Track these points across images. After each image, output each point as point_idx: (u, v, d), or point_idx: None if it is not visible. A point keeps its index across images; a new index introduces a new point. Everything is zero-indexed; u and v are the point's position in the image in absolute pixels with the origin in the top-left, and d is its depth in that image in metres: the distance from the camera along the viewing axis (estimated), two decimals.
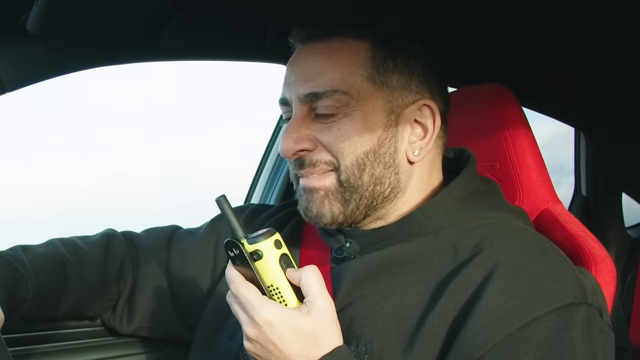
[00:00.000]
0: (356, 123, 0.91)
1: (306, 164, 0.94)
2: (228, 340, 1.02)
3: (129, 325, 1.20)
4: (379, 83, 0.92)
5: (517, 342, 0.78)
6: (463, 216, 0.93)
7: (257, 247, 0.81)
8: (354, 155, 0.91)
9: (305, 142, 0.93)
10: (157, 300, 1.19)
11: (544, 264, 0.84)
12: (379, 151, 0.92)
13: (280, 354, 0.80)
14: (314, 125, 0.93)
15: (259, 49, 1.30)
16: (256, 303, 0.80)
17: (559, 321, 0.79)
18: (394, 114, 0.93)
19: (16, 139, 2.32)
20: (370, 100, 0.92)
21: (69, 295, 1.10)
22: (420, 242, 0.91)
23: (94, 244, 1.16)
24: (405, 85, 0.94)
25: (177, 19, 1.15)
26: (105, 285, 1.15)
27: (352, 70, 0.92)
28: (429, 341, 0.82)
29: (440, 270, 0.87)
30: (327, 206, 0.93)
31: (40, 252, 1.08)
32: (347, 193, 0.92)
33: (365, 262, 0.92)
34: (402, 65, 0.94)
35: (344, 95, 0.91)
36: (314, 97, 0.92)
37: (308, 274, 0.81)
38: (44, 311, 1.08)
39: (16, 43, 1.06)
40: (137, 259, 1.19)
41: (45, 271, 1.05)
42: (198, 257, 1.17)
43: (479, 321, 0.79)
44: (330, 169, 0.93)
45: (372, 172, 0.92)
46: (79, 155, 2.60)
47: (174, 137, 2.84)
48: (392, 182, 0.94)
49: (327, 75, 0.92)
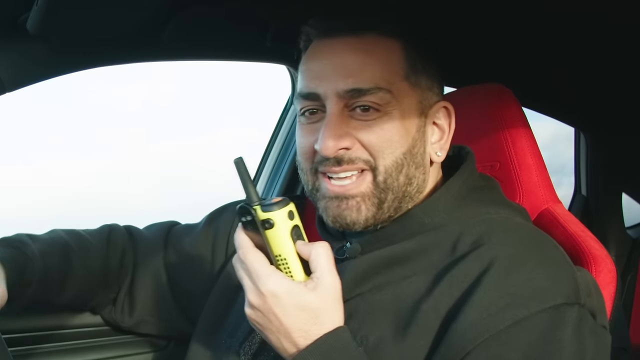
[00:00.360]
0: (396, 123, 0.90)
1: (344, 161, 0.90)
2: (229, 337, 1.02)
3: (130, 317, 1.21)
4: (413, 82, 0.93)
5: (507, 339, 0.78)
6: (463, 212, 0.93)
7: (269, 216, 0.80)
8: (394, 156, 0.90)
9: (346, 139, 0.90)
10: (157, 293, 1.20)
11: (541, 261, 0.84)
12: (412, 151, 0.92)
13: (280, 325, 0.80)
14: (352, 122, 0.90)
15: (259, 49, 1.30)
16: (263, 272, 0.80)
17: (550, 321, 0.79)
18: (423, 115, 0.94)
19: (16, 139, 2.32)
20: (407, 99, 0.92)
21: (73, 281, 1.11)
22: (421, 239, 0.91)
23: (96, 234, 1.18)
24: (430, 87, 0.95)
25: (177, 19, 1.15)
26: (107, 275, 1.17)
27: (391, 69, 0.91)
28: (423, 333, 0.82)
29: (439, 264, 0.87)
30: (364, 212, 0.92)
31: (45, 238, 1.10)
32: (382, 194, 0.91)
33: (366, 261, 0.92)
34: (427, 67, 0.95)
35: (388, 94, 0.90)
36: (356, 93, 0.89)
37: (319, 249, 0.81)
38: (48, 296, 1.09)
39: (16, 43, 1.06)
40: (137, 251, 1.20)
41: (51, 256, 1.07)
42: (196, 252, 1.18)
43: (471, 316, 0.79)
44: (366, 168, 0.91)
45: (407, 173, 0.92)
46: (79, 155, 2.60)
47: (174, 137, 2.84)
48: (419, 182, 0.94)
49: (369, 71, 0.90)
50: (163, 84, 2.49)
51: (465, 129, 1.17)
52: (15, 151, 2.31)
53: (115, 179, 2.69)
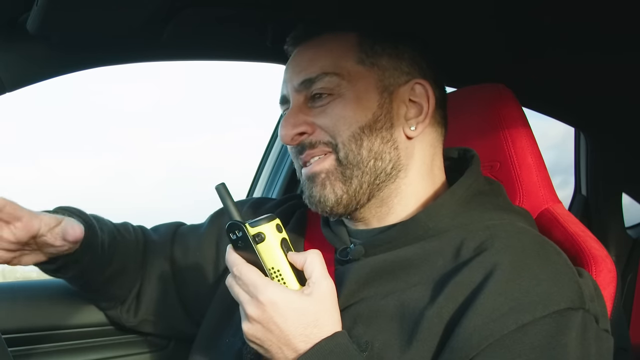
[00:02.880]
0: (349, 102, 0.95)
1: (306, 146, 0.96)
2: (232, 336, 1.02)
3: (135, 316, 1.22)
4: (369, 64, 0.96)
5: (511, 344, 0.78)
6: (467, 218, 0.93)
7: (259, 230, 0.82)
8: (349, 131, 0.94)
9: (302, 126, 0.96)
10: (162, 294, 1.21)
11: (544, 267, 0.84)
12: (374, 126, 0.94)
13: (281, 333, 0.80)
14: (310, 111, 0.96)
15: (259, 49, 1.30)
16: (259, 283, 0.81)
17: (554, 326, 0.79)
18: (386, 92, 0.96)
19: (23, 138, 2.32)
20: (361, 80, 0.95)
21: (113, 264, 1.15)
22: (424, 244, 0.91)
23: (123, 227, 1.21)
24: (395, 66, 0.97)
25: (177, 19, 1.15)
26: (135, 266, 1.20)
27: (342, 55, 0.96)
28: (427, 339, 0.82)
29: (442, 271, 0.87)
30: (329, 187, 0.95)
31: (97, 216, 1.15)
32: (347, 170, 0.94)
33: (370, 264, 0.92)
34: (390, 49, 0.98)
35: (336, 77, 0.95)
36: (307, 83, 0.96)
37: (313, 256, 0.83)
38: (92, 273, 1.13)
39: (16, 43, 1.06)
40: (147, 252, 1.22)
41: (108, 234, 1.13)
42: (201, 252, 1.19)
43: (475, 321, 0.79)
44: (328, 150, 0.95)
45: (370, 147, 0.94)
46: (87, 155, 2.60)
47: (182, 136, 2.84)
48: (392, 157, 0.95)
49: (318, 62, 0.96)
50: (171, 84, 2.49)
51: (466, 129, 1.18)
52: (23, 150, 2.32)
53: (123, 177, 2.69)
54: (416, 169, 0.98)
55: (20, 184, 2.33)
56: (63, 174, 2.52)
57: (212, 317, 1.11)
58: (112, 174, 2.65)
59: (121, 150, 2.69)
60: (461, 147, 1.05)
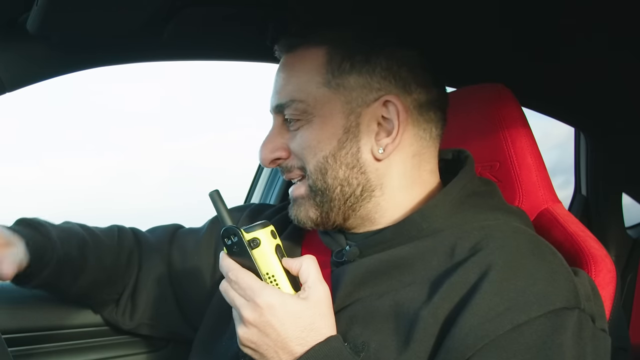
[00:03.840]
0: (315, 129, 0.94)
1: (284, 170, 0.99)
2: (229, 339, 1.02)
3: (131, 319, 1.22)
4: (334, 86, 0.94)
5: (506, 344, 0.78)
6: (461, 218, 0.93)
7: (254, 235, 0.83)
8: (315, 160, 0.95)
9: (279, 150, 0.98)
10: (159, 297, 1.20)
11: (539, 266, 0.84)
12: (339, 153, 0.94)
13: (278, 337, 0.80)
14: (287, 134, 0.98)
15: (259, 49, 1.30)
16: (256, 286, 0.82)
17: (550, 325, 0.79)
18: (353, 115, 0.94)
19: (27, 138, 2.33)
20: (327, 105, 0.94)
21: (86, 273, 1.13)
22: (418, 244, 0.91)
23: (107, 232, 1.20)
24: (364, 84, 0.94)
25: (177, 18, 1.15)
26: (116, 273, 1.18)
27: (309, 79, 0.95)
28: (423, 340, 0.82)
29: (437, 271, 0.87)
30: (304, 212, 0.98)
31: (63, 227, 1.13)
32: (317, 197, 0.96)
33: (365, 265, 0.92)
34: (360, 64, 0.94)
35: (301, 104, 0.95)
36: (280, 108, 0.97)
37: (308, 261, 0.84)
38: (60, 283, 1.11)
39: (16, 43, 1.06)
40: (142, 254, 1.21)
41: (69, 245, 1.10)
42: (199, 256, 1.19)
43: (470, 321, 0.79)
44: (303, 175, 0.97)
45: (334, 175, 0.94)
46: (90, 155, 2.60)
47: (185, 136, 2.84)
48: (360, 181, 0.95)
49: (288, 86, 0.97)
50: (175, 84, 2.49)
51: (465, 129, 1.18)
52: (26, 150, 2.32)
53: (126, 177, 2.69)
54: (395, 184, 0.96)
55: (23, 184, 2.33)
56: (66, 173, 2.52)
57: (209, 321, 1.11)
58: (115, 174, 2.65)
59: (124, 150, 2.69)
60: (455, 149, 1.05)
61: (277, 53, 1.02)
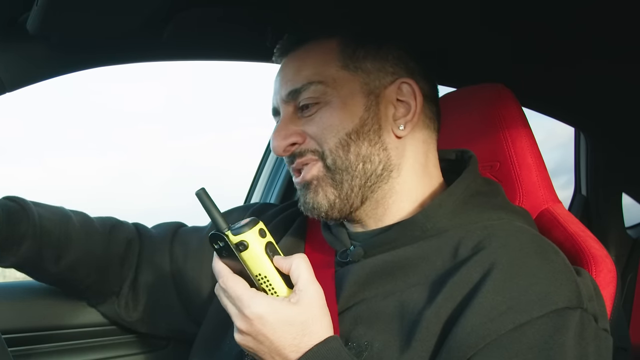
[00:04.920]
0: (336, 108, 0.95)
1: (296, 156, 0.98)
2: (232, 339, 1.02)
3: (134, 311, 1.21)
4: (353, 69, 0.97)
5: (508, 343, 0.78)
6: (465, 217, 0.93)
7: (241, 238, 0.80)
8: (336, 138, 0.95)
9: (293, 136, 0.97)
10: (161, 292, 1.20)
11: (541, 266, 0.84)
12: (361, 130, 0.95)
13: (271, 345, 0.80)
14: (300, 121, 0.98)
15: (259, 49, 1.30)
16: (244, 296, 0.80)
17: (552, 325, 0.79)
18: (373, 95, 0.97)
19: (29, 137, 2.33)
20: (347, 85, 0.96)
21: (70, 253, 1.11)
22: (423, 244, 0.91)
23: (101, 220, 1.20)
24: (380, 68, 0.98)
25: (177, 18, 1.15)
26: (107, 262, 1.17)
27: (325, 62, 0.97)
28: (426, 339, 0.82)
29: (441, 271, 0.87)
30: (321, 193, 0.96)
31: (48, 205, 1.12)
32: (337, 175, 0.95)
33: (369, 265, 0.92)
34: (373, 51, 0.98)
35: (321, 85, 0.96)
36: (294, 93, 0.97)
37: (298, 261, 0.81)
38: (43, 262, 1.09)
39: (16, 43, 1.06)
40: (143, 247, 1.21)
41: (50, 220, 1.09)
42: (202, 254, 1.18)
43: (472, 321, 0.79)
44: (315, 158, 0.96)
45: (357, 151, 0.95)
46: (92, 154, 2.60)
47: (188, 135, 2.83)
48: (382, 158, 0.96)
49: (303, 72, 0.97)
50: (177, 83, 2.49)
51: (465, 129, 1.18)
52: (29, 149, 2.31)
53: (129, 176, 2.69)
54: (409, 167, 0.98)
55: (25, 184, 2.33)
56: (69, 173, 2.52)
57: (211, 320, 1.10)
58: (117, 174, 2.65)
59: (126, 150, 2.69)
60: (459, 149, 1.05)
61: (278, 52, 1.03)
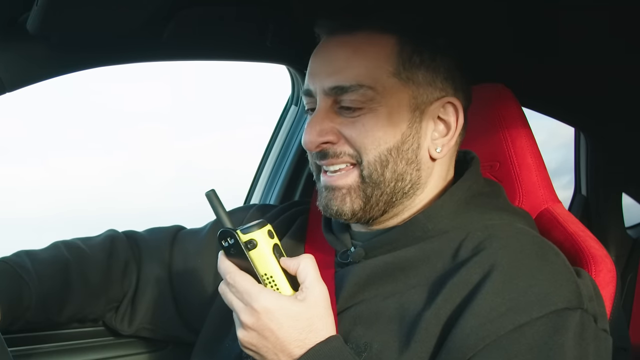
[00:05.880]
0: (381, 119, 0.90)
1: (329, 155, 0.93)
2: (231, 341, 1.02)
3: (129, 326, 1.20)
4: (404, 79, 0.91)
5: (508, 344, 0.78)
6: (466, 218, 0.93)
7: (251, 237, 0.82)
8: (377, 152, 0.91)
9: (329, 134, 0.92)
10: (159, 301, 1.19)
11: (541, 267, 0.84)
12: (402, 147, 0.92)
13: (276, 340, 0.80)
14: (338, 118, 0.92)
15: (259, 49, 1.30)
16: (253, 291, 0.81)
17: (551, 326, 0.79)
18: (418, 110, 0.93)
19: (33, 137, 2.32)
20: (395, 95, 0.91)
21: (73, 300, 1.10)
22: (424, 246, 0.91)
23: (98, 247, 1.16)
24: (430, 82, 0.93)
25: (177, 18, 1.15)
26: (108, 288, 1.15)
27: (379, 65, 0.91)
28: (425, 340, 0.82)
29: (441, 272, 0.87)
30: (349, 203, 0.93)
31: (44, 257, 1.08)
32: (369, 189, 0.92)
33: (369, 266, 0.92)
34: (428, 61, 0.93)
35: (370, 90, 0.90)
36: (339, 90, 0.91)
37: (306, 261, 0.82)
38: (47, 317, 1.09)
39: (16, 43, 1.06)
40: (141, 259, 1.19)
41: (50, 277, 1.06)
42: (201, 258, 1.17)
43: (472, 322, 0.79)
44: (353, 162, 0.93)
45: (394, 169, 0.92)
46: (96, 154, 2.59)
47: (192, 135, 2.82)
48: (413, 178, 0.94)
49: (353, 68, 0.91)
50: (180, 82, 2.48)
51: (466, 129, 1.18)
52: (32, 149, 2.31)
53: (132, 176, 2.68)
54: (434, 184, 0.97)
55: (28, 184, 2.33)
56: (71, 173, 2.52)
57: (211, 322, 1.10)
58: (120, 174, 2.64)
59: (128, 150, 2.68)
60: (461, 150, 1.05)
61: (323, 29, 0.96)
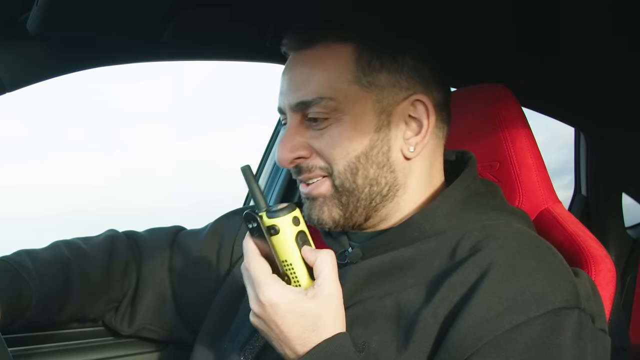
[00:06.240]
0: (346, 128, 0.92)
1: (303, 170, 0.95)
2: (229, 341, 1.02)
3: (129, 326, 1.20)
4: (366, 84, 0.92)
5: (505, 344, 0.78)
6: (463, 218, 0.93)
7: (274, 222, 0.81)
8: (345, 161, 0.92)
9: (300, 150, 0.94)
10: (158, 302, 1.19)
11: (539, 267, 0.84)
12: (370, 153, 0.92)
13: (280, 333, 0.81)
14: (308, 132, 0.94)
15: (259, 49, 1.30)
16: (262, 282, 0.81)
17: (549, 325, 0.79)
18: (384, 113, 0.93)
19: (33, 137, 2.33)
20: (358, 103, 0.92)
21: (73, 300, 1.11)
22: (421, 245, 0.91)
23: (98, 246, 1.16)
24: (394, 83, 0.93)
25: (177, 18, 1.15)
26: (108, 288, 1.16)
27: (338, 75, 0.92)
28: (423, 340, 0.82)
29: (438, 271, 0.87)
30: (327, 212, 0.95)
31: (45, 257, 1.09)
32: (343, 197, 0.94)
33: (367, 267, 0.92)
34: (389, 63, 0.93)
35: (332, 101, 0.91)
36: (303, 105, 0.93)
37: (325, 256, 0.82)
38: (48, 316, 1.09)
39: (16, 43, 1.06)
40: (140, 260, 1.19)
41: (50, 276, 1.06)
42: (200, 258, 1.17)
43: (469, 321, 0.79)
44: (324, 175, 0.94)
45: (365, 175, 0.93)
46: (96, 154, 2.60)
47: (192, 135, 2.83)
48: (388, 180, 0.94)
49: (313, 82, 0.92)
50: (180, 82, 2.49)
51: (465, 129, 1.18)
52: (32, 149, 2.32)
53: (132, 176, 2.68)
54: (415, 183, 0.97)
55: (29, 184, 2.33)
56: (72, 173, 2.52)
57: (211, 323, 1.10)
58: (120, 174, 2.65)
59: (128, 150, 2.69)
60: (459, 150, 1.05)
61: (286, 48, 0.98)
